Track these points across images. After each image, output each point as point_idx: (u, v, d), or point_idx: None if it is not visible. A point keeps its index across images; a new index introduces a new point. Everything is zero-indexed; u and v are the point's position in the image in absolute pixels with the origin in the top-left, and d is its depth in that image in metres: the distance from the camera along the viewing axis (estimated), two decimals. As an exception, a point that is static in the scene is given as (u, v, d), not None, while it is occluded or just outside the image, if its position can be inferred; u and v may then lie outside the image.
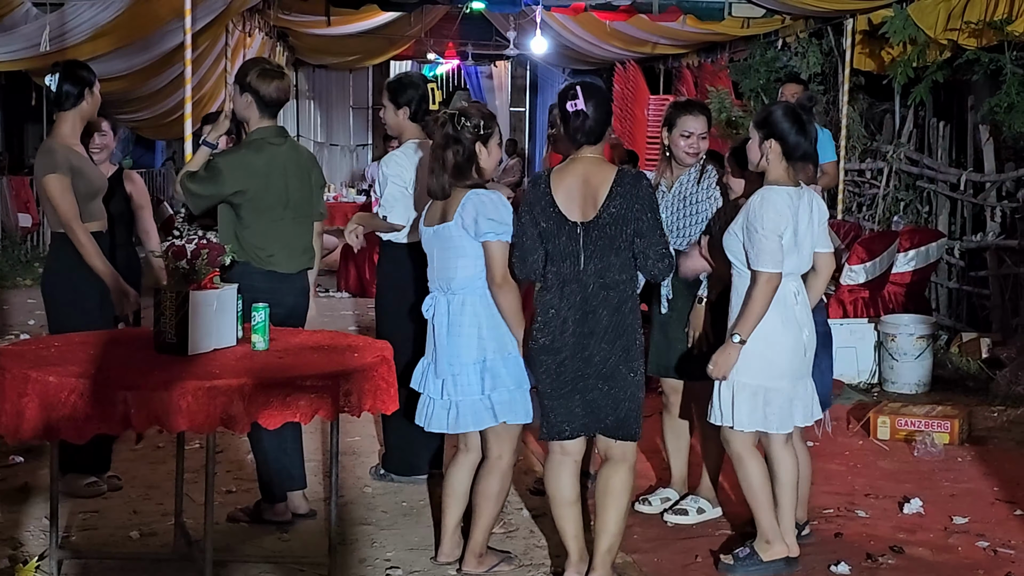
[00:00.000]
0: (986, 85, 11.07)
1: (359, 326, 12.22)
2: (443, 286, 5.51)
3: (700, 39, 16.43)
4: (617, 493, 5.37)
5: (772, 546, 5.65)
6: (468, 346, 5.43)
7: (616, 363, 5.25)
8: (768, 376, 5.56)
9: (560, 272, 5.29)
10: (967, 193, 11.60)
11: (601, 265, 5.24)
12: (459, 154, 5.42)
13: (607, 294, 5.24)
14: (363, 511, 6.48)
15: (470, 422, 5.49)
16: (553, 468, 5.44)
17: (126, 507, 6.44)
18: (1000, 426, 8.61)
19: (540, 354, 5.31)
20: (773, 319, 5.54)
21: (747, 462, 5.64)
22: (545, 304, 5.31)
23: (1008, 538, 6.32)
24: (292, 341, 5.51)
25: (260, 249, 6.06)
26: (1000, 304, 10.98)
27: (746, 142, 5.74)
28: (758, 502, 5.65)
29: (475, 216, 5.36)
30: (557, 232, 5.28)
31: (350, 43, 21.10)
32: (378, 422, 7.60)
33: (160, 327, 5.12)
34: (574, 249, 5.26)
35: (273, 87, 6.11)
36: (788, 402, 5.62)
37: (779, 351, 5.57)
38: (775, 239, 5.45)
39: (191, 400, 4.58)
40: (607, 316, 5.24)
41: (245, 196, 6.01)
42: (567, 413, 5.31)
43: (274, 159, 6.12)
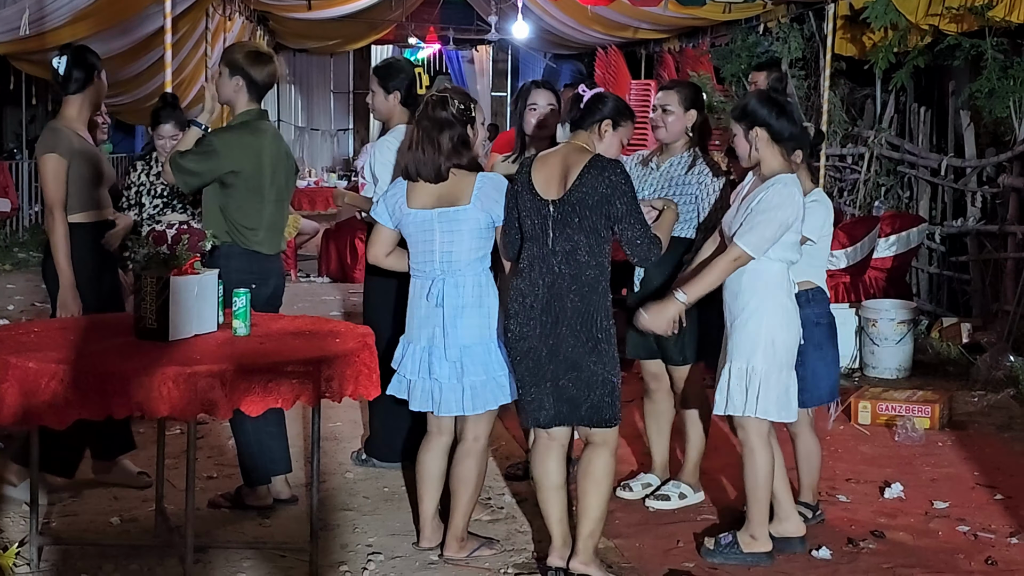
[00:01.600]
0: (967, 70, 11.10)
1: (341, 311, 12.20)
2: (444, 268, 5.49)
3: (682, 24, 16.43)
4: (598, 478, 5.36)
5: (756, 541, 5.66)
6: (473, 326, 5.47)
7: (584, 351, 5.22)
8: (783, 363, 5.58)
9: (531, 254, 5.30)
10: (948, 178, 11.62)
11: (569, 245, 5.22)
12: (456, 136, 5.44)
13: (574, 278, 5.21)
14: (345, 497, 6.47)
15: (452, 406, 5.51)
16: (539, 453, 5.44)
17: (106, 493, 6.42)
18: (980, 411, 8.63)
19: (512, 342, 5.32)
20: (789, 307, 5.58)
21: (760, 453, 5.60)
22: (515, 290, 5.32)
23: (988, 522, 6.35)
24: (274, 327, 5.50)
25: (249, 230, 6.04)
26: (980, 289, 11.01)
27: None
28: (756, 495, 5.63)
29: (496, 199, 5.44)
30: (531, 211, 5.30)
31: (331, 27, 21.06)
32: (361, 408, 7.60)
33: (140, 313, 5.11)
34: (544, 227, 5.27)
35: (266, 72, 6.12)
36: (795, 388, 5.66)
37: (792, 337, 5.61)
38: (776, 229, 5.44)
39: (172, 386, 4.57)
40: (573, 302, 5.20)
41: (239, 176, 6.00)
42: (540, 401, 5.31)
43: (265, 141, 6.13)
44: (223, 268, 5.67)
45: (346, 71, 26.71)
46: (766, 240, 5.44)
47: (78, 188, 6.22)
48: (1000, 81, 10.29)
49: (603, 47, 19.32)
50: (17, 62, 13.57)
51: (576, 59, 23.54)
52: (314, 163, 24.97)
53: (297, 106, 26.44)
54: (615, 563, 5.63)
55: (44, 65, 13.33)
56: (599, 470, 5.37)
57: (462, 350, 5.47)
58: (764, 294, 5.53)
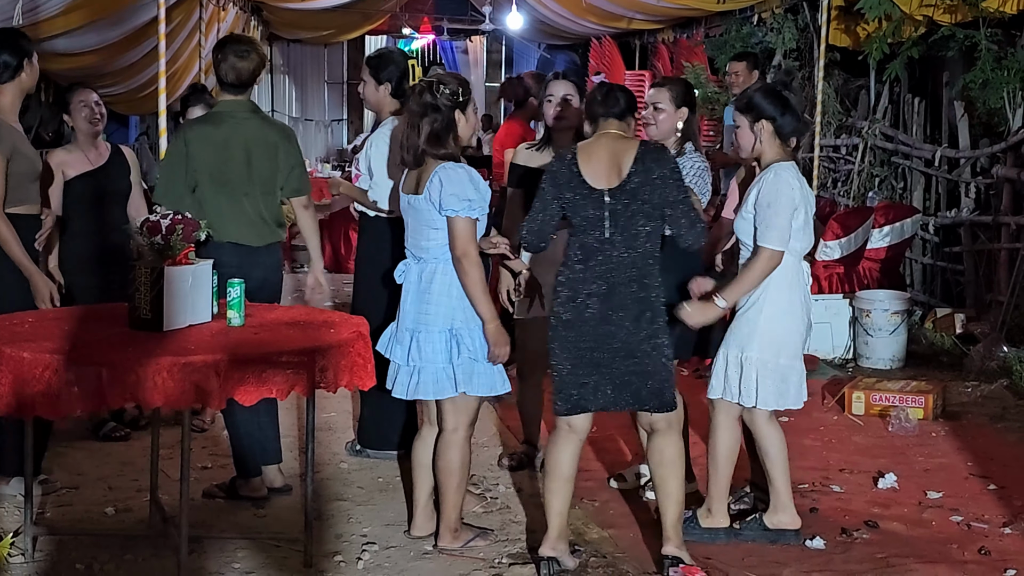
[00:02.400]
0: (961, 61, 11.10)
1: (335, 301, 12.19)
2: (416, 254, 5.53)
3: (676, 14, 16.40)
4: (675, 462, 5.44)
5: (712, 516, 5.79)
6: (436, 313, 5.43)
7: (641, 338, 5.27)
8: (788, 355, 5.65)
9: (585, 244, 5.30)
10: (941, 169, 11.62)
11: (628, 234, 5.25)
12: (437, 122, 5.42)
13: (633, 265, 5.26)
14: (339, 487, 6.48)
15: (431, 390, 5.47)
16: (558, 443, 5.43)
17: (101, 483, 6.42)
18: (974, 401, 8.64)
19: (562, 329, 5.31)
20: (793, 299, 5.63)
21: (721, 431, 5.76)
22: (569, 279, 5.31)
23: (981, 512, 6.36)
24: (268, 317, 5.50)
25: (221, 222, 5.98)
26: (974, 280, 11.01)
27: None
28: (716, 471, 5.77)
29: (440, 191, 5.36)
30: (583, 202, 5.28)
31: (325, 17, 21.01)
32: (354, 398, 7.60)
33: (135, 303, 5.10)
34: (599, 217, 5.26)
35: (229, 66, 6.09)
36: (800, 378, 5.71)
37: (798, 330, 5.67)
38: (787, 215, 5.49)
39: (166, 376, 4.56)
40: (632, 289, 5.26)
41: (200, 168, 5.99)
42: (591, 389, 5.32)
43: (235, 133, 6.08)
44: None
45: (340, 61, 26.67)
46: (784, 230, 5.49)
47: (17, 183, 6.00)
48: (994, 72, 10.28)
49: (597, 38, 19.37)
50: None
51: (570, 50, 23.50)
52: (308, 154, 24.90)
53: (291, 96, 26.40)
54: (609, 553, 5.64)
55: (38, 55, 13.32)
56: (674, 455, 5.45)
57: (418, 334, 5.46)
58: (777, 288, 5.60)
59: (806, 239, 5.67)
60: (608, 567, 5.47)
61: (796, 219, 5.55)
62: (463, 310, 5.44)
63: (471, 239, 5.40)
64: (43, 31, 11.34)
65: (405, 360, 5.50)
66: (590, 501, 6.36)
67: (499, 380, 5.54)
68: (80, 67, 13.77)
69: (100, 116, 7.15)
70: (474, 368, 5.47)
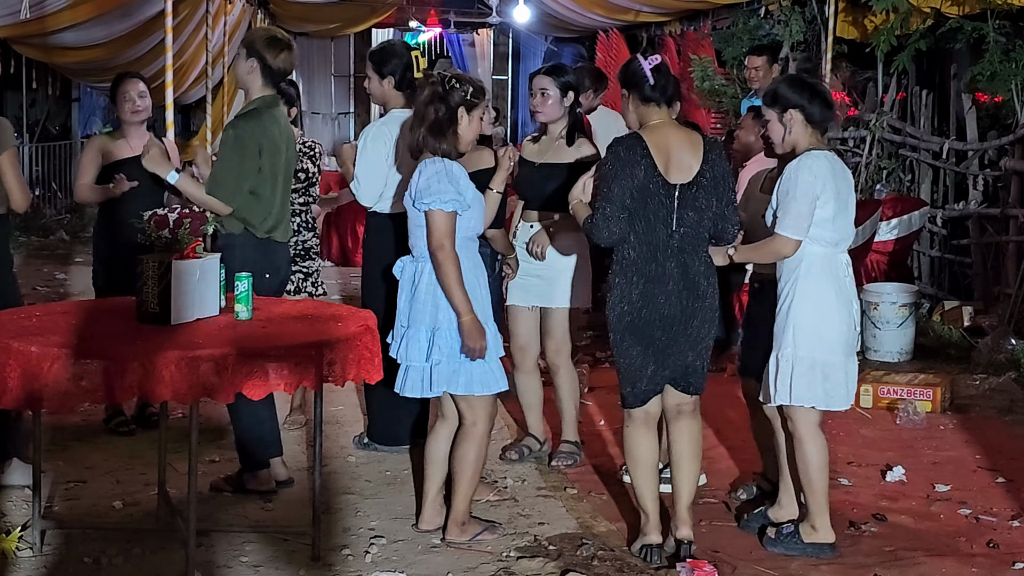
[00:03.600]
0: (969, 53, 11.08)
1: (343, 295, 12.19)
2: (412, 251, 5.56)
3: (683, 7, 16.37)
4: (698, 444, 5.57)
5: (817, 531, 5.61)
6: (423, 312, 5.45)
7: (709, 326, 5.43)
8: (823, 350, 5.52)
9: (651, 240, 5.32)
10: (949, 162, 11.60)
11: (689, 230, 5.33)
12: (440, 112, 5.42)
13: (700, 258, 5.38)
14: (347, 480, 6.48)
15: (417, 388, 5.53)
16: (640, 431, 5.50)
17: (109, 477, 6.43)
18: (982, 394, 8.63)
19: (638, 324, 5.35)
20: (828, 292, 5.53)
21: (809, 444, 5.55)
22: (639, 274, 5.33)
23: (990, 505, 6.35)
24: (275, 311, 5.50)
25: (263, 219, 6.05)
26: (982, 272, 11.00)
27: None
28: (811, 486, 5.58)
29: (416, 183, 5.41)
30: (653, 193, 5.29)
31: (331, 10, 21.00)
32: (361, 391, 7.60)
33: (142, 297, 5.10)
34: (667, 212, 5.30)
35: (281, 58, 6.12)
36: (844, 377, 5.60)
37: (834, 324, 5.54)
38: (807, 203, 5.41)
39: (174, 370, 4.57)
40: (708, 279, 5.39)
41: (263, 163, 6.01)
42: (656, 378, 5.44)
43: (280, 127, 6.15)
44: (236, 258, 5.68)
45: (347, 54, 26.61)
46: (802, 218, 5.42)
47: None
48: (1002, 64, 10.27)
49: (604, 30, 19.34)
50: (18, 46, 13.54)
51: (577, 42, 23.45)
52: (314, 146, 24.93)
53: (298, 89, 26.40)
54: (617, 547, 5.63)
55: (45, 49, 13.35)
56: (697, 437, 5.59)
57: (407, 332, 5.48)
58: (797, 279, 5.52)
59: (838, 230, 5.53)
60: (616, 560, 5.47)
61: (823, 209, 5.44)
62: (447, 308, 5.43)
63: (447, 232, 5.37)
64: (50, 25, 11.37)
65: (395, 355, 5.55)
66: (598, 494, 6.36)
67: (492, 379, 5.54)
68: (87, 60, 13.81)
69: (142, 107, 7.20)
70: (459, 368, 5.47)
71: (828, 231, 5.50)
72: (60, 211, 16.86)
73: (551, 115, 6.71)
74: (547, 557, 5.47)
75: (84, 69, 15.06)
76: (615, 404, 5.55)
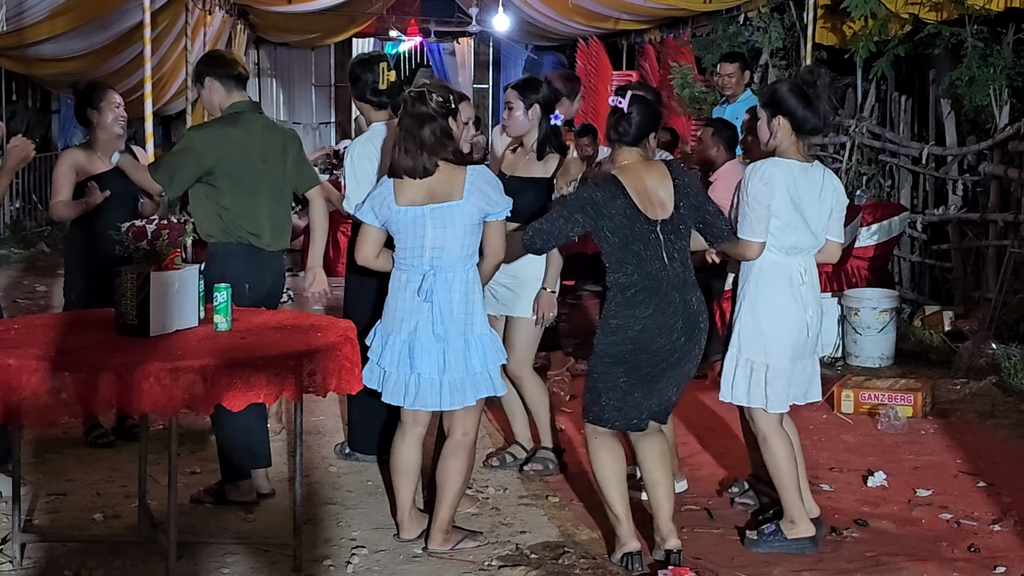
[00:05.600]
0: (947, 59, 11.10)
1: (325, 305, 12.16)
2: (435, 263, 5.47)
3: (662, 14, 16.41)
4: (669, 457, 5.63)
5: (797, 526, 5.69)
6: (459, 322, 5.49)
7: (695, 366, 5.55)
8: (769, 354, 5.64)
9: (648, 273, 5.38)
10: (929, 167, 11.63)
11: (679, 260, 5.42)
12: (437, 131, 5.42)
13: (691, 284, 5.47)
14: (328, 491, 6.47)
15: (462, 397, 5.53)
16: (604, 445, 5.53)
17: (89, 489, 6.41)
18: (963, 399, 8.65)
19: (629, 356, 5.40)
20: (781, 297, 5.63)
21: (772, 441, 5.69)
22: (646, 305, 5.38)
23: (971, 510, 6.37)
24: (255, 321, 5.49)
25: (246, 225, 6.04)
26: (962, 277, 11.02)
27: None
28: (782, 482, 5.69)
29: (488, 193, 5.46)
30: (638, 234, 5.37)
31: (311, 20, 21.01)
32: (343, 401, 7.59)
33: (121, 309, 5.09)
34: (655, 248, 5.38)
35: (227, 63, 6.14)
36: (786, 382, 5.69)
37: (785, 330, 5.65)
38: (759, 208, 5.53)
39: (153, 382, 4.56)
40: (702, 319, 5.48)
41: (224, 170, 5.99)
42: (645, 406, 5.48)
43: (251, 133, 6.12)
44: (220, 267, 5.67)
45: (327, 64, 26.63)
46: (757, 221, 5.54)
47: None
48: (980, 69, 10.30)
49: (584, 38, 19.38)
50: (-5, 58, 13.51)
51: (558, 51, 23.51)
52: (296, 157, 24.93)
53: (279, 100, 26.35)
54: (599, 554, 5.63)
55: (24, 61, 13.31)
56: (668, 450, 5.67)
57: (446, 345, 5.47)
58: (757, 284, 5.64)
59: (793, 238, 5.62)
60: (598, 568, 5.47)
61: (776, 217, 5.55)
62: (463, 322, 5.49)
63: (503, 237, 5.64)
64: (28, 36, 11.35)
65: (396, 366, 5.50)
66: (580, 502, 6.36)
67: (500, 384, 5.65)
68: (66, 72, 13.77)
69: (124, 117, 7.16)
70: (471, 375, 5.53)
71: (779, 239, 5.63)
72: (41, 223, 16.81)
73: (517, 129, 6.76)
74: (529, 566, 5.47)
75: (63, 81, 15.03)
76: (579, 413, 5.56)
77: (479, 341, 5.51)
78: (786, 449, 5.69)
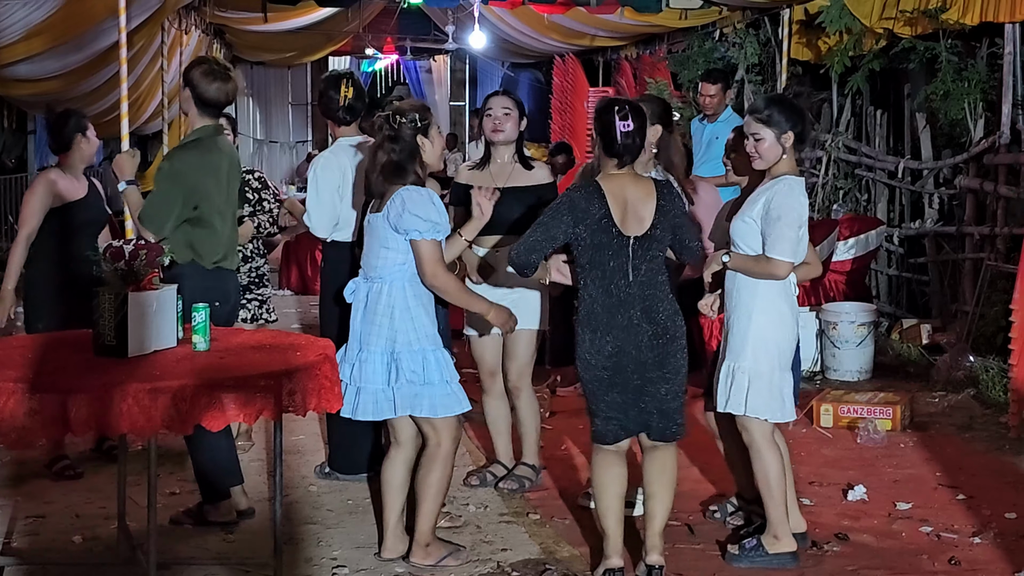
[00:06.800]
0: (922, 73, 11.17)
1: (302, 324, 12.16)
2: (366, 273, 5.58)
3: (638, 31, 16.46)
4: (674, 472, 5.60)
5: (779, 541, 5.68)
6: (378, 335, 5.49)
7: (682, 363, 5.48)
8: (780, 366, 5.66)
9: (612, 290, 5.37)
10: (905, 181, 11.68)
11: (645, 278, 5.38)
12: (395, 152, 5.44)
13: (666, 302, 5.44)
14: (309, 510, 6.45)
15: (370, 410, 5.52)
16: (608, 461, 5.49)
17: (68, 511, 6.38)
18: (941, 411, 8.67)
19: (610, 375, 5.38)
20: (783, 309, 5.65)
21: (765, 453, 5.67)
22: (608, 327, 5.36)
23: (951, 522, 6.38)
24: (233, 341, 5.47)
25: (213, 249, 6.03)
26: (939, 290, 11.07)
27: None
28: (771, 495, 5.67)
29: (401, 212, 5.40)
30: (608, 245, 5.36)
31: (288, 39, 21.00)
32: (323, 420, 7.57)
33: (99, 329, 5.07)
34: (621, 263, 5.36)
35: (214, 88, 6.07)
36: (791, 391, 5.72)
37: (787, 340, 5.69)
38: (797, 228, 5.55)
39: (132, 403, 4.53)
40: (674, 324, 5.44)
41: (205, 197, 5.98)
42: (632, 415, 5.44)
43: (220, 156, 6.12)
44: (187, 287, 5.66)
45: (304, 83, 26.67)
46: (795, 242, 5.56)
47: None
48: (955, 83, 10.36)
49: (560, 55, 19.42)
50: (-29, 79, 13.45)
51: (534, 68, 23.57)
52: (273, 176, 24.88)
53: (255, 119, 26.35)
54: (580, 571, 5.63)
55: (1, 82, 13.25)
56: (674, 464, 5.62)
57: (361, 354, 5.51)
58: (756, 293, 5.62)
59: (802, 250, 5.69)
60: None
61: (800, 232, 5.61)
62: (405, 332, 5.48)
63: (438, 260, 5.46)
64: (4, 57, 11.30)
65: (347, 378, 5.53)
66: (561, 519, 6.35)
67: (455, 400, 5.57)
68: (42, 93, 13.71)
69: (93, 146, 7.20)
70: (420, 391, 5.49)
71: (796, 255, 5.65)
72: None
73: (511, 135, 6.74)
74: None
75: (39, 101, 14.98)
76: (577, 428, 5.57)
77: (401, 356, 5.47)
78: (778, 462, 5.68)
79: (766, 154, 5.67)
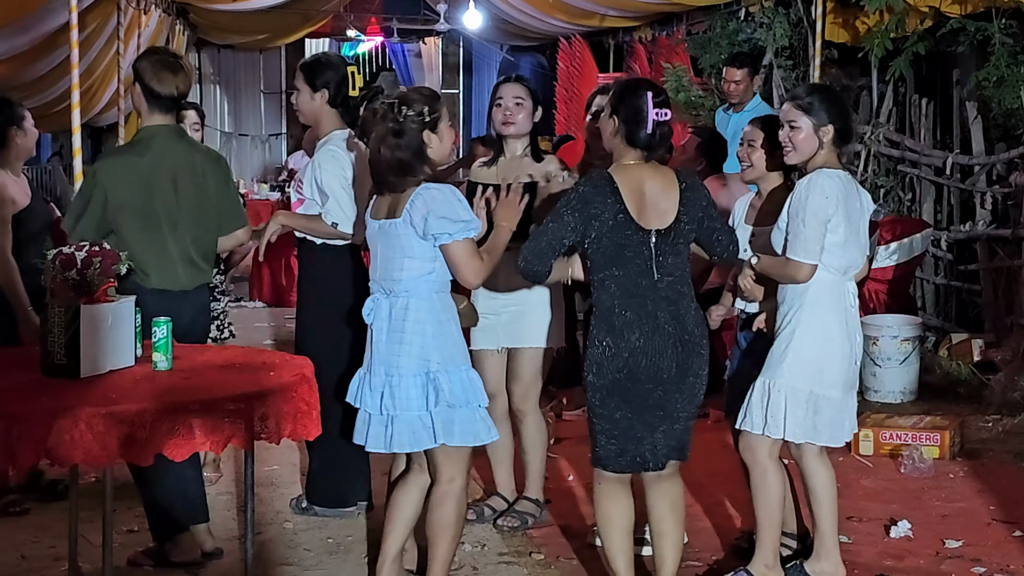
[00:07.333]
0: (973, 57, 11.15)
1: (276, 340, 12.17)
2: (386, 287, 5.48)
3: (654, 10, 16.45)
4: (682, 505, 5.64)
5: (770, 572, 5.70)
6: (410, 355, 5.40)
7: (703, 383, 5.53)
8: (821, 383, 5.66)
9: (632, 291, 5.39)
10: (954, 178, 11.68)
11: (673, 278, 5.43)
12: (400, 149, 5.40)
13: (692, 307, 5.49)
14: (284, 550, 6.45)
15: (406, 441, 5.43)
16: (611, 490, 5.53)
17: (13, 551, 6.38)
18: (995, 437, 8.68)
19: (628, 384, 5.39)
20: (832, 323, 5.67)
21: (770, 472, 5.74)
22: (632, 328, 5.38)
23: (1006, 562, 6.38)
24: (199, 359, 5.47)
25: (143, 267, 5.96)
26: (992, 301, 11.06)
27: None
28: (769, 520, 5.74)
29: (425, 215, 5.33)
30: (627, 242, 5.39)
31: (259, 20, 20.99)
32: (301, 449, 7.57)
33: (48, 347, 5.06)
34: (645, 260, 5.40)
35: (165, 82, 6.06)
36: (840, 412, 5.73)
37: (834, 358, 5.69)
38: (817, 226, 5.56)
39: (85, 429, 4.53)
40: (699, 332, 5.49)
41: (122, 206, 5.95)
42: (651, 442, 5.45)
43: (161, 161, 6.06)
44: None
45: (278, 68, 26.61)
46: (813, 241, 5.57)
47: None
48: (1009, 68, 10.34)
49: (566, 37, 19.42)
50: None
51: (537, 51, 23.56)
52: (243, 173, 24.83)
53: (223, 109, 26.31)
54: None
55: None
56: (681, 497, 5.65)
57: (391, 380, 5.43)
58: (802, 307, 5.65)
59: (848, 256, 5.70)
60: (589, 633, 5.47)
61: (834, 233, 5.60)
62: (439, 349, 5.41)
63: (475, 256, 5.43)
64: (-58, 41, 11.28)
65: (378, 409, 5.45)
66: (567, 559, 6.36)
67: (483, 428, 5.53)
68: (-17, 80, 13.70)
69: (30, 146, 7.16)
70: (454, 416, 5.43)
71: (837, 257, 5.67)
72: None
73: (524, 128, 6.77)
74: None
75: (-20, 90, 15.00)
76: (585, 457, 5.54)
77: (438, 377, 5.41)
78: (782, 484, 5.75)
79: (801, 145, 5.68)
